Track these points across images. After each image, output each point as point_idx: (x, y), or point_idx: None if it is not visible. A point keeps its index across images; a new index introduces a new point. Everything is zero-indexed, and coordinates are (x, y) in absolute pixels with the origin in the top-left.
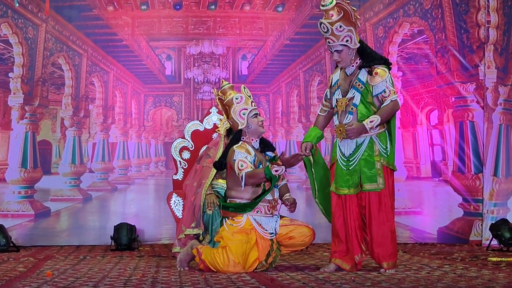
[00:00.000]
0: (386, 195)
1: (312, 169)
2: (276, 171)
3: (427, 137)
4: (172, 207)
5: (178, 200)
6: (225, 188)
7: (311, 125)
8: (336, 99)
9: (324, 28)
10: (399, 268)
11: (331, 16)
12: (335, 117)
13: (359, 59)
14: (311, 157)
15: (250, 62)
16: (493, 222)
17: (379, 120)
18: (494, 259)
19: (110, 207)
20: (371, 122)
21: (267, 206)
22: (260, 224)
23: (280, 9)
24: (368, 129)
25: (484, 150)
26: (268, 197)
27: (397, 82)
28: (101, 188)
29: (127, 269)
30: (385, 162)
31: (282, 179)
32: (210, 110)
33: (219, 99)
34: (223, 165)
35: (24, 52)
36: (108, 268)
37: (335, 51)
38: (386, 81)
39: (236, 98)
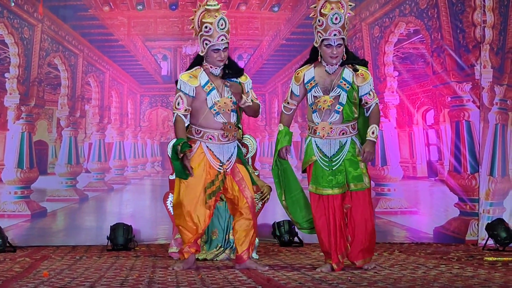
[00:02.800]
0: (369, 194)
1: (279, 173)
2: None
3: (423, 136)
4: (168, 207)
5: None
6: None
7: (307, 125)
8: (315, 96)
9: (336, 19)
10: (395, 267)
11: (342, 7)
12: (314, 115)
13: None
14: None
15: (246, 62)
16: (489, 221)
17: (378, 128)
18: (490, 258)
19: (106, 207)
20: (373, 134)
21: (221, 133)
22: (212, 152)
23: (276, 9)
24: (375, 141)
25: (480, 150)
26: (220, 119)
27: (393, 82)
28: (98, 188)
29: (124, 269)
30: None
31: (244, 101)
32: None
33: (201, 12)
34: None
35: (20, 52)
36: (105, 268)
37: (337, 44)
38: (370, 84)
39: (205, 27)
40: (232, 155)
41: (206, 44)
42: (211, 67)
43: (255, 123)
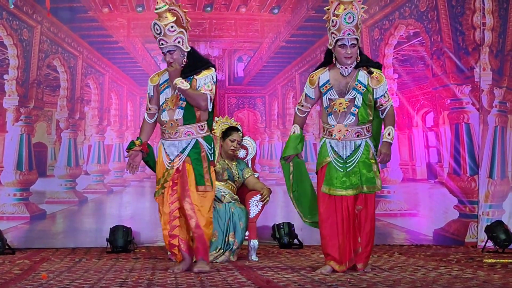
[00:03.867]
0: (375, 197)
1: (292, 165)
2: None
3: (422, 139)
4: None
5: None
6: (222, 191)
7: (307, 127)
8: (330, 99)
9: (349, 19)
10: (395, 269)
11: (355, 9)
12: (330, 117)
13: (355, 61)
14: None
15: (246, 64)
16: (489, 223)
17: (393, 130)
18: (490, 260)
19: (106, 209)
20: (389, 135)
21: (166, 130)
22: (165, 148)
23: (276, 11)
24: (391, 142)
25: (480, 152)
26: (165, 117)
27: (393, 84)
28: (97, 190)
29: (123, 271)
30: (377, 164)
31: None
32: None
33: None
34: None
35: (19, 54)
36: (104, 271)
37: (351, 44)
38: (385, 86)
39: (154, 25)
40: (183, 152)
41: (162, 44)
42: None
43: (255, 125)
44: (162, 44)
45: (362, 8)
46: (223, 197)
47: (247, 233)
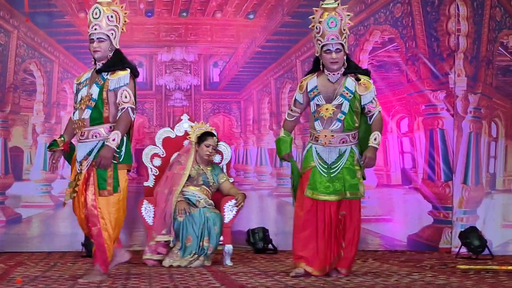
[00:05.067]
0: (360, 203)
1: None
2: None
3: (397, 144)
4: (143, 214)
5: (149, 207)
6: (196, 196)
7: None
8: (317, 105)
9: (332, 24)
10: (368, 275)
11: (339, 15)
12: (316, 123)
13: (342, 68)
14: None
15: (221, 69)
16: (463, 230)
17: (380, 136)
18: (463, 266)
19: None
20: (375, 140)
21: (76, 131)
22: (76, 150)
23: (251, 16)
24: (378, 148)
25: (454, 158)
26: (75, 117)
27: None
28: None
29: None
30: (361, 170)
31: None
32: (181, 117)
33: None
34: None
35: None
36: (79, 275)
37: (336, 49)
38: (373, 92)
39: (88, 19)
40: (90, 154)
41: (90, 35)
42: (95, 62)
43: (230, 131)
44: (95, 29)
45: (348, 15)
46: (198, 202)
47: (221, 238)
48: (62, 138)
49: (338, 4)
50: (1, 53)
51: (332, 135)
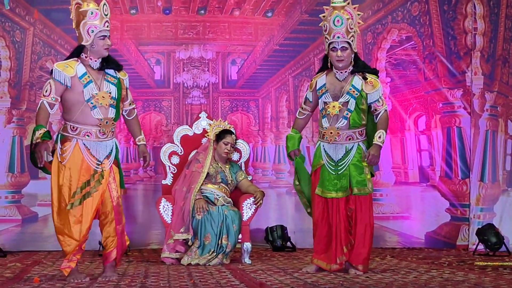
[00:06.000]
0: (370, 199)
1: (298, 175)
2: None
3: (415, 142)
4: (161, 212)
5: (167, 205)
6: (215, 194)
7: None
8: (325, 102)
9: (338, 22)
10: (387, 272)
11: (347, 13)
12: (323, 120)
13: (351, 66)
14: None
15: (239, 67)
16: (480, 227)
17: (385, 134)
18: (481, 263)
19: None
20: (379, 138)
21: (98, 129)
22: (89, 150)
23: (269, 14)
24: (382, 145)
25: (471, 156)
26: (97, 115)
27: (385, 88)
28: None
29: (116, 274)
30: (370, 167)
31: None
32: (200, 115)
33: (76, 3)
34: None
35: (12, 55)
36: (97, 274)
37: (341, 47)
38: (379, 91)
39: (91, 13)
40: (111, 152)
41: (92, 31)
42: (90, 59)
43: (248, 128)
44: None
45: (358, 14)
46: (217, 200)
47: (240, 236)
48: (47, 131)
49: (348, 3)
50: (17, 50)
51: (338, 132)
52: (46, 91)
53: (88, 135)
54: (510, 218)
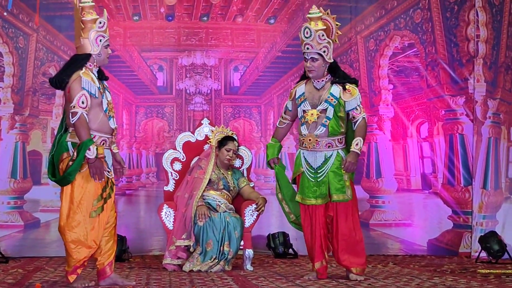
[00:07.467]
0: (352, 205)
1: (279, 183)
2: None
3: (417, 149)
4: (163, 219)
5: (169, 212)
6: (217, 200)
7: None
8: (304, 110)
9: (307, 33)
10: (390, 279)
11: (316, 25)
12: (302, 127)
13: (329, 76)
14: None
15: (242, 73)
16: (482, 234)
17: (362, 141)
18: (483, 271)
19: None
20: (356, 145)
21: (111, 138)
22: (104, 158)
23: (272, 21)
24: (359, 153)
25: (473, 163)
26: (112, 124)
27: (387, 95)
28: None
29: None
30: (349, 174)
31: None
32: (202, 122)
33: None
34: (63, 83)
35: (15, 61)
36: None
37: (310, 58)
38: (358, 99)
39: (100, 22)
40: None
41: (100, 40)
42: (95, 67)
43: (250, 135)
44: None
45: (337, 24)
46: (218, 207)
47: (242, 243)
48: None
49: (327, 13)
50: (20, 57)
51: (317, 140)
52: (82, 103)
53: (103, 143)
54: None
